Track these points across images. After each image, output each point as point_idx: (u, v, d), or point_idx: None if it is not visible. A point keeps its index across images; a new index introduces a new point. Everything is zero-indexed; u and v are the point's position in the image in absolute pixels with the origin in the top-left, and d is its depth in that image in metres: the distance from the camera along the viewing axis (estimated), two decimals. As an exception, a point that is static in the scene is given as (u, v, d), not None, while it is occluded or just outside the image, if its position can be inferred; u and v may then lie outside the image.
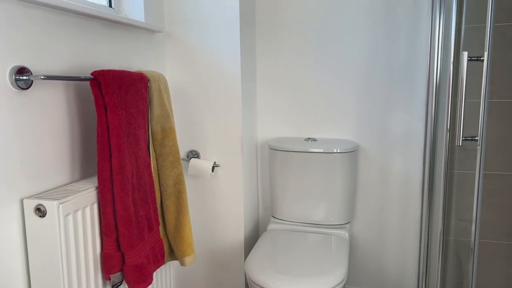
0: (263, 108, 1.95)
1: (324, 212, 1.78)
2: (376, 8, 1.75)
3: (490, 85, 1.70)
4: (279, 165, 1.80)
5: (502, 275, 1.80)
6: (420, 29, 1.72)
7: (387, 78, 1.78)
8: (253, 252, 1.55)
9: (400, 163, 1.83)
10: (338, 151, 1.73)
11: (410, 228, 1.86)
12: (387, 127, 1.82)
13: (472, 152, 1.65)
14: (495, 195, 1.75)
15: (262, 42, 1.90)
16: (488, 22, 1.21)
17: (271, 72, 1.91)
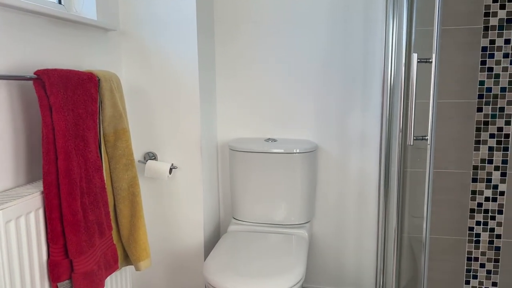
0: (223, 109, 1.93)
1: (284, 212, 1.79)
2: (333, 11, 1.77)
3: (442, 86, 1.76)
4: (239, 166, 1.79)
5: (451, 269, 1.87)
6: (375, 31, 1.76)
7: (344, 79, 1.81)
8: (211, 254, 1.53)
9: (357, 163, 1.86)
10: (298, 151, 1.74)
11: (368, 226, 1.90)
12: (345, 127, 1.85)
13: (424, 151, 1.70)
14: (447, 192, 1.82)
15: (221, 42, 1.88)
16: (435, 26, 1.26)
17: (230, 73, 1.90)
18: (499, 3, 1.67)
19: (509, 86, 1.71)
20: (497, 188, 1.78)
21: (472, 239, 1.83)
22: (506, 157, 1.75)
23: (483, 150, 1.77)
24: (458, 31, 1.72)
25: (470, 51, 1.72)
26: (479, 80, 1.73)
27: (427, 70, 1.47)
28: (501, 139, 1.75)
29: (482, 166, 1.78)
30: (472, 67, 1.73)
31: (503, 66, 1.70)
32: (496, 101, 1.73)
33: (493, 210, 1.80)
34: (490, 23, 1.69)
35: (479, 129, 1.76)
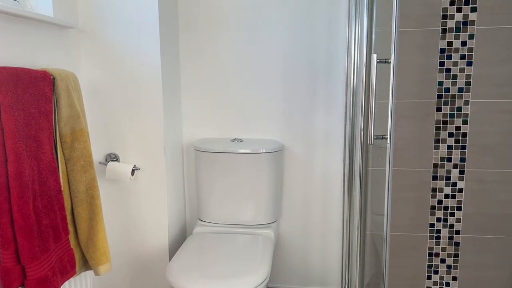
0: (189, 109, 1.91)
1: (251, 212, 1.78)
2: (297, 12, 1.78)
3: (403, 87, 1.81)
4: (205, 167, 1.77)
5: (414, 265, 1.92)
6: (338, 32, 1.78)
7: (309, 79, 1.83)
8: (175, 256, 1.51)
9: (322, 162, 1.88)
10: (264, 151, 1.74)
11: (333, 224, 1.92)
12: (310, 127, 1.86)
13: (385, 150, 1.74)
14: (408, 190, 1.87)
15: (185, 42, 1.86)
16: (393, 27, 1.28)
17: (196, 73, 1.88)
18: (456, 6, 1.72)
19: (466, 87, 1.77)
20: (456, 186, 1.84)
21: (433, 235, 1.88)
22: (464, 155, 1.81)
23: (442, 149, 1.82)
24: (418, 33, 1.76)
25: (430, 52, 1.77)
26: (438, 81, 1.78)
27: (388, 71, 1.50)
28: (459, 137, 1.81)
29: (441, 164, 1.83)
30: (432, 68, 1.77)
31: (460, 67, 1.76)
32: (454, 101, 1.79)
33: (453, 207, 1.85)
34: (447, 26, 1.74)
35: (438, 128, 1.81)
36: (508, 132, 1.77)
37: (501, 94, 1.75)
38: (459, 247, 1.88)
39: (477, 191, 1.83)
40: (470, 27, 1.73)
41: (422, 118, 1.81)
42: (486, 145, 1.79)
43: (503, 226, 1.83)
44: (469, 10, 1.72)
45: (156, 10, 1.57)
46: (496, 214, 1.83)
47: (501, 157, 1.79)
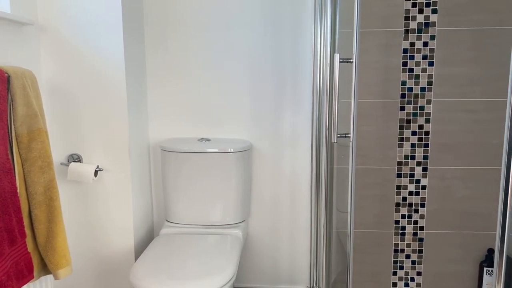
0: (155, 108, 1.88)
1: (219, 212, 1.77)
2: (264, 12, 1.79)
3: (368, 87, 1.84)
4: (172, 167, 1.75)
5: (380, 261, 1.95)
6: (305, 32, 1.80)
7: (276, 78, 1.83)
8: (140, 259, 1.48)
9: (290, 161, 1.89)
10: (232, 150, 1.73)
11: (302, 223, 1.94)
12: (278, 126, 1.87)
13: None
14: (374, 187, 1.90)
15: (151, 40, 1.83)
16: (355, 27, 1.30)
17: (162, 72, 1.85)
18: (417, 8, 1.77)
19: (428, 86, 1.82)
20: (419, 183, 1.88)
21: (398, 231, 1.93)
22: (426, 153, 1.86)
23: (406, 147, 1.87)
24: (382, 34, 1.80)
25: (393, 52, 1.80)
26: (401, 81, 1.82)
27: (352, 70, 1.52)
28: (422, 136, 1.85)
29: (405, 162, 1.88)
30: (395, 68, 1.81)
31: (422, 68, 1.81)
32: (417, 100, 1.83)
33: (416, 204, 1.90)
34: (410, 27, 1.79)
35: (402, 127, 1.85)
36: (468, 130, 1.83)
37: (461, 93, 1.81)
38: (423, 243, 1.93)
39: (440, 188, 1.88)
40: (431, 28, 1.78)
41: (386, 117, 1.85)
42: (447, 143, 1.84)
43: (465, 221, 1.89)
44: (430, 11, 1.77)
45: (119, 6, 1.54)
46: (458, 210, 1.89)
47: (461, 154, 1.85)
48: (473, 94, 1.81)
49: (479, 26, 1.76)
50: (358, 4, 1.27)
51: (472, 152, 1.84)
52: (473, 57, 1.78)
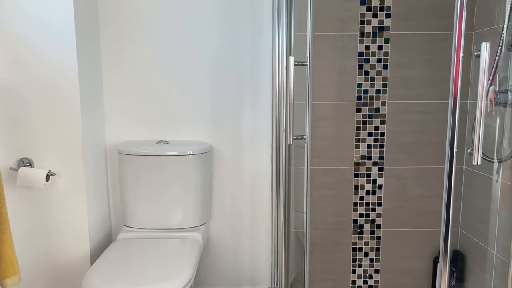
0: (112, 110, 1.84)
1: (178, 216, 1.75)
2: (222, 14, 1.78)
3: (326, 89, 1.87)
4: (129, 170, 1.72)
5: (340, 260, 1.99)
6: (263, 34, 1.81)
7: (236, 80, 1.83)
8: (94, 265, 1.44)
9: (251, 162, 1.90)
10: (192, 153, 1.72)
11: (263, 224, 1.95)
12: (238, 127, 1.87)
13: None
14: (333, 187, 1.94)
15: (107, 40, 1.79)
16: (308, 31, 1.32)
17: (119, 73, 1.81)
18: (372, 12, 1.82)
19: (383, 89, 1.87)
20: (376, 182, 1.94)
21: (356, 230, 1.97)
22: (382, 154, 1.92)
23: (362, 148, 1.91)
24: (338, 37, 1.84)
25: (349, 55, 1.85)
26: (357, 83, 1.87)
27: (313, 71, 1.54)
28: (378, 137, 1.90)
29: (362, 162, 1.92)
30: (351, 71, 1.86)
31: (377, 70, 1.86)
32: (372, 102, 1.88)
33: (373, 203, 1.95)
34: (365, 30, 1.83)
35: (358, 128, 1.90)
36: (420, 131, 1.90)
37: (414, 95, 1.88)
38: (380, 241, 1.98)
39: (395, 187, 1.94)
40: (385, 32, 1.83)
41: (343, 118, 1.89)
42: (402, 143, 1.91)
43: (419, 219, 1.96)
44: (384, 16, 1.82)
45: (71, 5, 1.49)
46: (412, 208, 1.95)
47: (414, 154, 1.91)
48: (425, 96, 1.88)
49: (429, 31, 1.83)
50: (310, 9, 1.29)
51: (425, 152, 1.91)
52: (425, 60, 1.85)
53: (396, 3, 1.81)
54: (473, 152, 1.00)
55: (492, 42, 1.68)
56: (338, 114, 1.89)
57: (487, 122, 1.71)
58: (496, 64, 1.53)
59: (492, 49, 1.68)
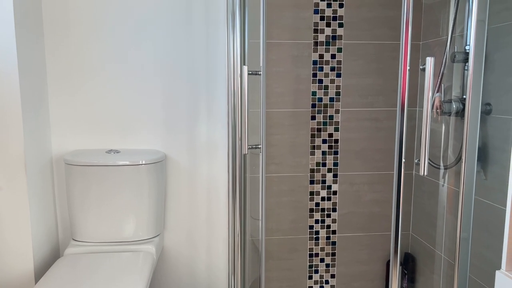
0: (58, 117, 1.74)
1: (131, 228, 1.69)
2: (177, 19, 1.74)
3: (282, 97, 1.88)
4: (77, 182, 1.63)
5: (297, 266, 2.00)
6: (218, 41, 1.78)
7: (191, 87, 1.80)
8: (38, 284, 1.35)
9: (207, 170, 1.87)
10: (144, 162, 1.66)
11: (220, 232, 1.92)
12: (194, 135, 1.83)
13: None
14: (289, 194, 1.94)
15: (52, 43, 1.69)
16: (261, 41, 1.32)
17: (65, 77, 1.72)
18: (325, 21, 1.85)
19: (336, 97, 1.90)
20: (330, 188, 1.97)
21: (312, 236, 1.99)
22: (336, 160, 1.95)
23: (317, 154, 1.94)
24: (293, 45, 1.85)
25: (304, 64, 1.87)
26: (312, 91, 1.89)
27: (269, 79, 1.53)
28: (332, 144, 1.94)
29: (317, 169, 1.94)
30: (306, 79, 1.88)
31: (330, 79, 1.89)
32: (327, 110, 1.91)
33: (329, 209, 1.98)
34: (318, 39, 1.86)
35: (313, 135, 1.92)
36: (372, 137, 1.95)
37: (366, 103, 1.92)
38: (336, 246, 2.01)
39: (349, 192, 1.98)
40: (338, 41, 1.87)
41: (298, 126, 1.90)
42: (355, 150, 1.95)
43: (372, 223, 2.01)
44: (337, 25, 1.86)
45: (11, 4, 1.40)
46: (366, 213, 2.00)
47: (367, 160, 1.96)
48: (377, 104, 1.93)
49: (380, 40, 1.88)
50: (263, 20, 1.29)
51: (377, 158, 1.96)
52: (376, 69, 1.90)
53: (348, 13, 1.85)
54: (419, 162, 1.03)
55: (437, 53, 1.76)
56: (294, 122, 1.90)
57: (433, 129, 1.79)
58: (442, 74, 1.60)
59: (438, 59, 1.76)
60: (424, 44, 1.88)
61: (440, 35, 1.76)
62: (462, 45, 1.53)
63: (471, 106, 1.40)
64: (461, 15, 1.60)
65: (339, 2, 1.84)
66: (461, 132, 1.56)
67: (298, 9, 1.82)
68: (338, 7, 1.84)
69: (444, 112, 1.50)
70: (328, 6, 1.84)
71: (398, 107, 1.16)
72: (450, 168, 1.66)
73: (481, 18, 1.40)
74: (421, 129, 1.87)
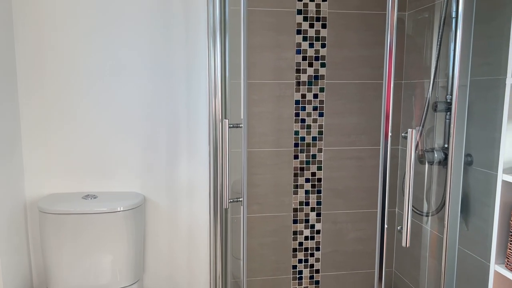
0: (33, 161, 1.68)
1: (108, 275, 1.63)
2: (157, 54, 1.70)
3: (265, 136, 1.85)
4: (52, 230, 1.57)
5: (281, 307, 1.98)
6: (200, 82, 1.75)
7: (172, 126, 1.75)
8: None
9: (188, 212, 1.82)
10: (122, 209, 1.61)
11: (202, 275, 1.88)
12: (174, 176, 1.79)
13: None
14: (272, 234, 1.92)
15: (25, 84, 1.63)
16: (242, 95, 1.29)
17: (39, 117, 1.66)
18: (308, 61, 1.83)
19: (319, 136, 1.89)
20: (314, 227, 1.95)
21: (295, 276, 1.96)
22: (320, 199, 1.93)
23: (300, 194, 1.92)
24: (276, 85, 1.83)
25: (286, 103, 1.85)
26: (294, 130, 1.87)
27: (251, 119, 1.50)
28: (315, 183, 1.92)
29: (300, 208, 1.92)
30: (288, 118, 1.86)
31: (313, 118, 1.88)
32: (309, 149, 1.90)
33: (312, 248, 1.96)
34: (301, 79, 1.84)
35: (296, 175, 1.90)
36: (355, 176, 1.94)
37: (349, 142, 1.91)
38: (319, 285, 1.99)
39: (332, 231, 1.96)
40: (320, 81, 1.86)
41: (281, 165, 1.88)
42: (338, 188, 1.93)
43: (355, 261, 2.00)
44: (319, 65, 1.85)
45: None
46: (349, 251, 1.98)
47: (350, 199, 1.95)
48: (359, 142, 1.92)
49: (362, 80, 1.88)
50: (244, 81, 1.26)
51: (360, 196, 1.96)
52: (359, 108, 1.90)
53: (330, 53, 1.84)
54: (401, 230, 1.02)
55: (419, 95, 1.76)
56: (276, 161, 1.88)
57: (417, 175, 1.79)
58: (424, 121, 1.60)
59: (420, 101, 1.77)
60: (406, 84, 1.89)
61: (422, 78, 1.76)
62: (444, 95, 1.53)
63: (454, 157, 1.40)
64: (443, 61, 1.60)
65: (321, 42, 1.83)
66: (443, 179, 1.56)
67: (280, 49, 1.81)
68: (320, 47, 1.83)
69: (427, 161, 1.50)
70: (310, 47, 1.82)
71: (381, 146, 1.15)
72: (433, 216, 1.66)
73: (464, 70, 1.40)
74: (404, 167, 1.87)
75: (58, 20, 1.62)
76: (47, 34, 1.61)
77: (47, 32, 1.61)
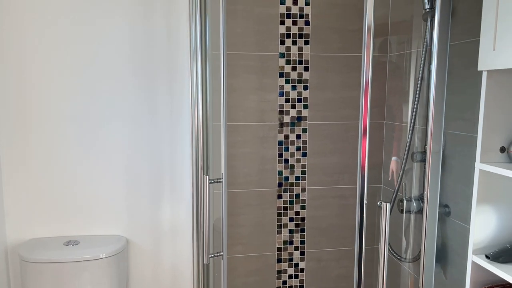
0: (13, 204, 1.67)
1: (90, 320, 1.62)
2: (141, 101, 1.71)
3: (249, 177, 1.86)
4: (34, 278, 1.56)
5: None
6: (183, 124, 1.76)
7: (154, 167, 1.76)
8: None
9: (171, 253, 1.82)
10: (104, 255, 1.61)
11: (185, 315, 1.87)
12: (157, 217, 1.79)
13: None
14: (255, 274, 1.92)
15: (4, 126, 1.63)
16: (222, 149, 1.30)
17: (20, 161, 1.65)
18: (290, 103, 1.85)
19: (302, 175, 1.91)
20: (298, 266, 1.96)
21: (279, 315, 1.97)
22: (303, 238, 1.94)
23: (284, 233, 1.93)
24: (259, 126, 1.84)
25: (270, 144, 1.86)
26: (278, 170, 1.88)
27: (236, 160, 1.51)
28: (299, 222, 1.93)
29: (284, 247, 1.93)
30: (272, 159, 1.87)
31: (296, 158, 1.89)
32: (293, 189, 1.91)
33: (296, 286, 1.97)
34: (284, 120, 1.86)
35: (280, 214, 1.91)
36: (338, 214, 1.95)
37: (331, 181, 1.93)
38: (303, 323, 2.00)
39: (316, 269, 1.97)
40: (303, 122, 1.88)
41: (264, 205, 1.89)
42: (321, 227, 1.95)
43: (339, 298, 2.01)
44: (302, 107, 1.87)
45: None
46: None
47: (333, 237, 1.97)
48: (342, 182, 1.94)
49: (344, 120, 1.90)
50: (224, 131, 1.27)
51: (343, 234, 1.97)
52: (341, 148, 1.92)
53: (313, 95, 1.86)
54: None
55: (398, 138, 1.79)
56: (260, 201, 1.89)
57: (396, 222, 1.81)
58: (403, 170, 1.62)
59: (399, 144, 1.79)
60: (388, 125, 1.92)
61: (402, 121, 1.79)
62: (422, 145, 1.56)
63: (429, 207, 1.42)
64: (422, 109, 1.63)
65: (303, 84, 1.85)
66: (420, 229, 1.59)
67: (263, 92, 1.83)
68: (303, 89, 1.85)
69: (406, 210, 1.53)
70: (293, 89, 1.85)
71: (358, 184, 1.17)
72: (412, 262, 1.68)
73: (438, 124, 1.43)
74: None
75: (38, 62, 1.62)
76: (27, 76, 1.61)
77: (27, 74, 1.61)
